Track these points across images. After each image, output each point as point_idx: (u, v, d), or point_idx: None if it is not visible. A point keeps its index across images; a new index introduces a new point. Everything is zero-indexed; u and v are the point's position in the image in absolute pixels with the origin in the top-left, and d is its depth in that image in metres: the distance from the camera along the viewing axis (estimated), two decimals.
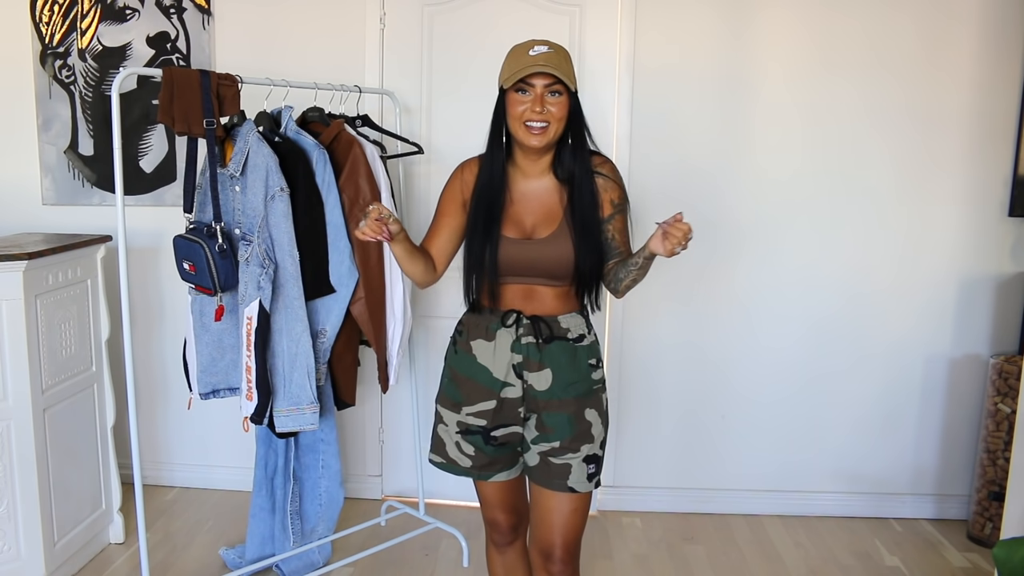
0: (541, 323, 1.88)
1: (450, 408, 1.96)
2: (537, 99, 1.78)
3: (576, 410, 1.89)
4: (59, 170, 3.29)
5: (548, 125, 1.79)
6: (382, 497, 3.36)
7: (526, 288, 1.88)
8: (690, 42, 3.06)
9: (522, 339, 1.87)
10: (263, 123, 2.42)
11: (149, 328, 3.36)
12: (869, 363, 3.20)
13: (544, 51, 1.78)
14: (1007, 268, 3.13)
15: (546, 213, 1.88)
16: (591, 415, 1.91)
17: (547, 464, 1.89)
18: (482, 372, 1.90)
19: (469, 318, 1.96)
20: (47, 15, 3.20)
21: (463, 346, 1.95)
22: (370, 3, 3.10)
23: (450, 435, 1.96)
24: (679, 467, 3.29)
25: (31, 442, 2.46)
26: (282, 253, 2.34)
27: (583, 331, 1.93)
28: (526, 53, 1.79)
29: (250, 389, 2.35)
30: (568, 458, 1.88)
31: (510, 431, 1.92)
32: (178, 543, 2.97)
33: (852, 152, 3.09)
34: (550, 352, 1.87)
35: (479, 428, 1.92)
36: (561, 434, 1.88)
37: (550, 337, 1.87)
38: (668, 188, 3.09)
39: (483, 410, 1.91)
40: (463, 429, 1.94)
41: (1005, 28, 2.99)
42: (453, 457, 1.97)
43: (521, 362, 1.87)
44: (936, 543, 3.07)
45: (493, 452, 1.94)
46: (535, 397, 1.89)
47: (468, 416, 1.92)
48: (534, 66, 1.75)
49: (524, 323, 1.87)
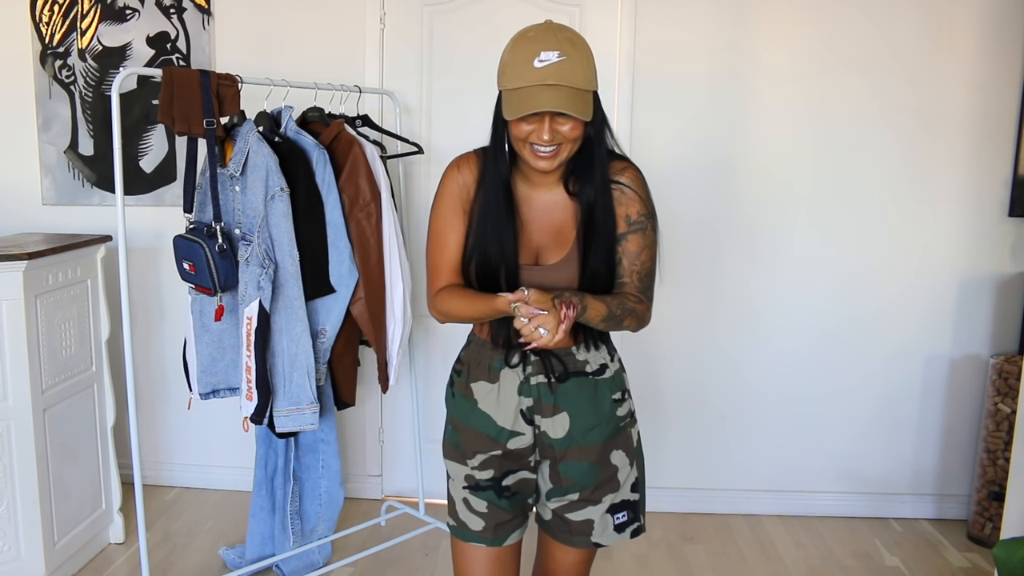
0: (552, 358, 1.59)
1: (456, 460, 1.69)
2: (544, 126, 1.44)
3: (599, 456, 1.62)
4: (59, 170, 3.29)
5: (559, 147, 1.48)
6: (382, 497, 3.36)
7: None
8: (690, 42, 3.06)
9: (531, 379, 1.59)
10: (263, 123, 2.42)
11: (149, 328, 3.36)
12: (869, 363, 3.20)
13: (554, 60, 1.40)
14: (1007, 268, 3.13)
15: (556, 233, 1.59)
16: (618, 458, 1.64)
17: (564, 520, 1.65)
18: (484, 421, 1.63)
19: (468, 354, 1.68)
20: (47, 15, 3.20)
21: (462, 389, 1.67)
22: (370, 3, 3.10)
23: (458, 491, 1.69)
24: (679, 467, 3.29)
25: (31, 442, 2.46)
26: (282, 253, 2.34)
27: (604, 360, 1.64)
28: (531, 65, 1.41)
29: (250, 389, 2.35)
30: (588, 512, 1.63)
31: (520, 477, 1.66)
32: (178, 543, 2.97)
33: (852, 152, 3.09)
34: (566, 393, 1.59)
35: (488, 482, 1.65)
36: (581, 485, 1.62)
37: (565, 374, 1.59)
38: (668, 189, 3.09)
39: (487, 458, 1.64)
40: (472, 484, 1.67)
41: (1005, 28, 2.99)
42: (463, 519, 1.68)
43: (532, 406, 1.60)
44: (936, 543, 3.07)
45: (508, 507, 1.65)
46: (550, 445, 1.62)
47: (475, 470, 1.66)
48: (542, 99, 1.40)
49: (532, 360, 1.59)
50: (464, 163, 1.62)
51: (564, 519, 1.65)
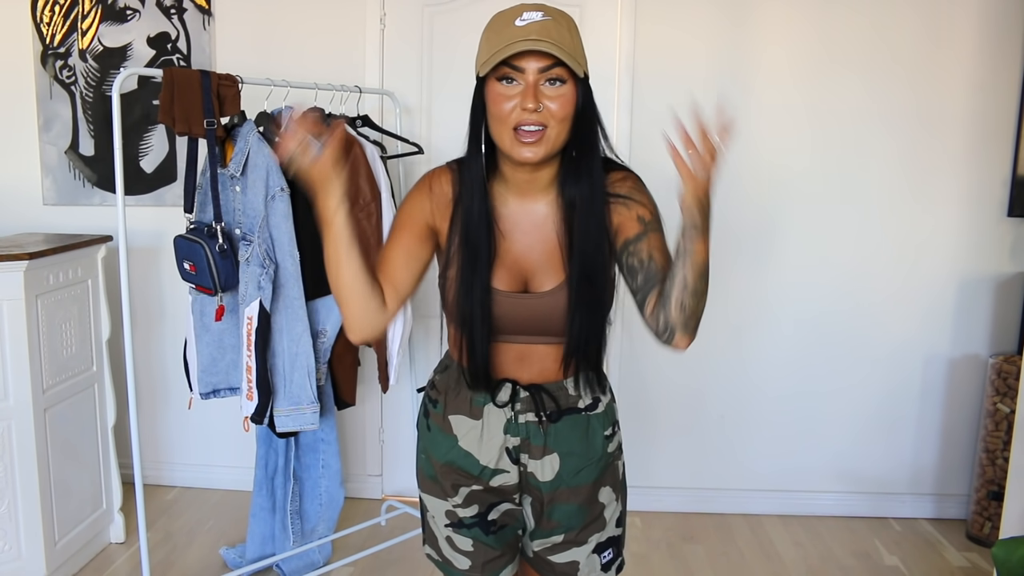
0: (543, 394, 1.41)
1: (434, 494, 1.51)
2: (529, 90, 1.24)
3: (588, 496, 1.47)
4: (60, 170, 3.29)
5: (546, 129, 1.26)
6: (382, 497, 3.36)
7: (521, 349, 1.41)
8: (690, 42, 3.06)
9: (519, 416, 1.41)
10: (263, 123, 2.42)
11: (149, 328, 3.36)
12: (868, 363, 3.20)
13: (537, 19, 1.23)
14: (1006, 268, 3.14)
15: (549, 253, 1.37)
16: (605, 495, 1.49)
17: (547, 562, 1.51)
18: (466, 459, 1.45)
19: (444, 381, 1.48)
20: (48, 15, 3.20)
21: (439, 422, 1.47)
22: (370, 3, 3.11)
23: (439, 528, 1.52)
24: (679, 467, 3.29)
25: (32, 442, 2.47)
26: (282, 253, 2.34)
27: (597, 393, 1.46)
28: (511, 23, 1.24)
29: (250, 389, 2.35)
30: (574, 553, 1.48)
31: (505, 510, 1.49)
32: (179, 543, 2.97)
33: (852, 152, 3.09)
34: (557, 433, 1.42)
35: (473, 519, 1.47)
36: (567, 526, 1.47)
37: (557, 413, 1.42)
38: (668, 190, 3.09)
39: (471, 493, 1.47)
40: (455, 522, 1.49)
41: (1004, 28, 2.99)
42: (448, 556, 1.52)
43: (519, 445, 1.43)
44: (935, 543, 3.07)
45: (495, 542, 1.50)
46: (536, 487, 1.46)
47: (458, 508, 1.48)
48: (523, 41, 1.21)
49: (522, 396, 1.41)
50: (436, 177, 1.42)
51: (548, 561, 1.50)
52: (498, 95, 1.27)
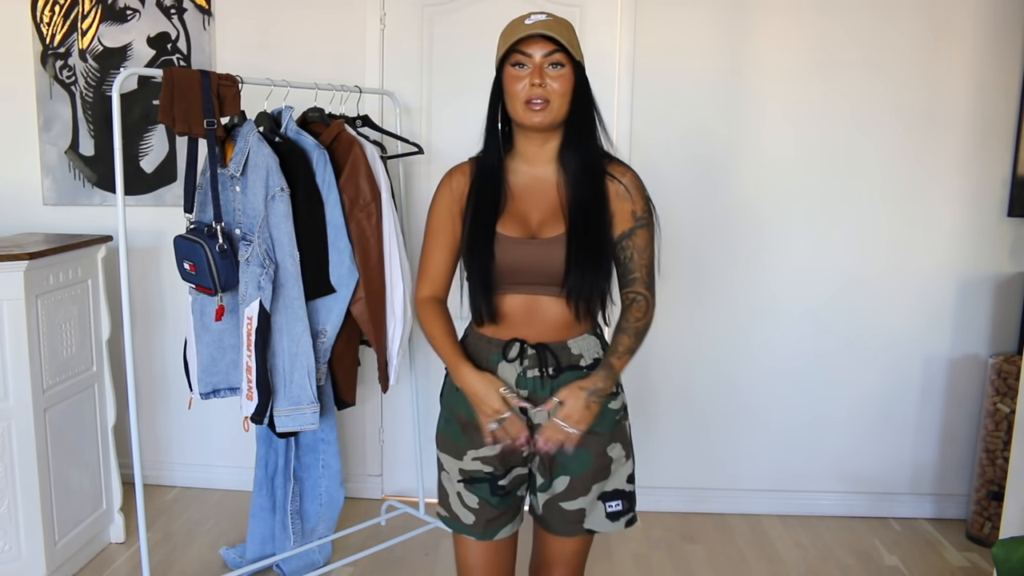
0: (547, 352, 1.65)
1: (451, 453, 1.74)
2: (536, 70, 1.59)
3: (597, 448, 1.68)
4: (60, 170, 3.29)
5: (549, 102, 1.59)
6: (382, 497, 3.36)
7: (528, 301, 1.65)
8: (690, 43, 3.06)
9: (527, 372, 1.65)
10: (263, 123, 2.42)
11: (149, 328, 3.36)
12: (868, 363, 3.20)
13: (542, 19, 1.60)
14: (1006, 268, 3.14)
15: (553, 209, 1.66)
16: (615, 452, 1.69)
17: (556, 510, 1.71)
18: None
19: (464, 347, 1.73)
20: (48, 15, 3.20)
21: None
22: (370, 4, 3.11)
23: (452, 484, 1.74)
24: (679, 467, 3.29)
25: (32, 442, 2.47)
26: (282, 253, 2.34)
27: (598, 354, 1.70)
28: (521, 23, 1.61)
29: (250, 389, 2.35)
30: (580, 501, 1.69)
31: (515, 474, 1.72)
32: (178, 543, 2.98)
33: (851, 153, 3.09)
34: (560, 386, 1.64)
35: (485, 476, 1.70)
36: (572, 472, 1.67)
37: (559, 368, 1.65)
38: (668, 188, 3.09)
39: (486, 456, 1.69)
40: (466, 478, 1.71)
41: (1004, 28, 2.99)
42: (456, 511, 1.74)
43: (527, 398, 1.66)
44: (935, 543, 3.07)
45: (499, 503, 1.71)
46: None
47: (474, 462, 1.70)
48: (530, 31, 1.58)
49: (529, 353, 1.65)
50: (455, 173, 1.74)
51: (556, 508, 1.70)
52: (512, 77, 1.61)
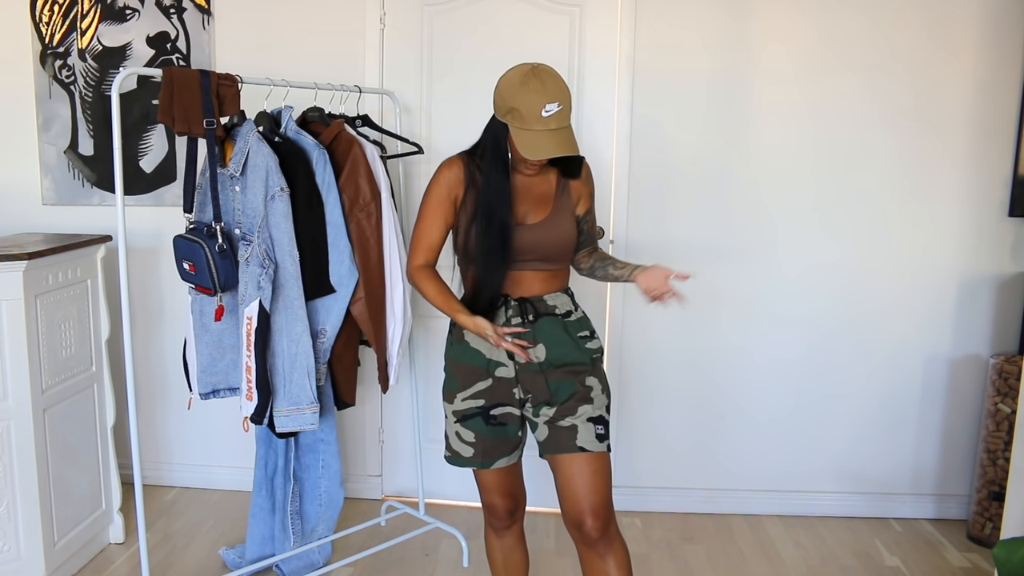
0: (527, 303, 1.97)
1: (447, 400, 2.05)
2: (542, 161, 1.89)
3: (576, 378, 1.96)
4: (59, 170, 3.29)
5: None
6: (382, 497, 3.36)
7: (515, 275, 1.96)
8: (690, 42, 3.06)
9: (512, 320, 1.96)
10: (263, 123, 2.42)
11: (149, 328, 3.36)
12: (869, 363, 3.20)
13: (555, 111, 1.81)
14: (1007, 268, 3.13)
15: (537, 199, 1.98)
16: (592, 382, 1.98)
17: (554, 430, 1.94)
18: (475, 356, 2.00)
19: None
20: (47, 15, 3.20)
21: (457, 336, 2.04)
22: (370, 3, 3.10)
23: (450, 426, 2.05)
24: (679, 467, 3.29)
25: (31, 442, 2.46)
26: (282, 253, 2.34)
27: (570, 307, 2.03)
28: (538, 114, 1.80)
29: (250, 389, 2.35)
30: (570, 420, 1.93)
31: (507, 411, 2.00)
32: (178, 543, 2.97)
33: (852, 152, 3.09)
34: (540, 328, 1.96)
35: (477, 410, 2.00)
36: (560, 397, 1.95)
37: (537, 315, 1.97)
38: (668, 188, 3.09)
39: (479, 390, 1.99)
40: (460, 416, 2.02)
41: (1005, 28, 2.99)
42: (456, 448, 2.05)
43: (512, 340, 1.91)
44: (936, 543, 3.07)
45: (493, 434, 2.01)
46: (531, 371, 1.96)
47: (466, 401, 2.01)
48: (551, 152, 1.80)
49: (512, 304, 1.97)
50: (451, 164, 1.99)
51: (554, 428, 1.94)
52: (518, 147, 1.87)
